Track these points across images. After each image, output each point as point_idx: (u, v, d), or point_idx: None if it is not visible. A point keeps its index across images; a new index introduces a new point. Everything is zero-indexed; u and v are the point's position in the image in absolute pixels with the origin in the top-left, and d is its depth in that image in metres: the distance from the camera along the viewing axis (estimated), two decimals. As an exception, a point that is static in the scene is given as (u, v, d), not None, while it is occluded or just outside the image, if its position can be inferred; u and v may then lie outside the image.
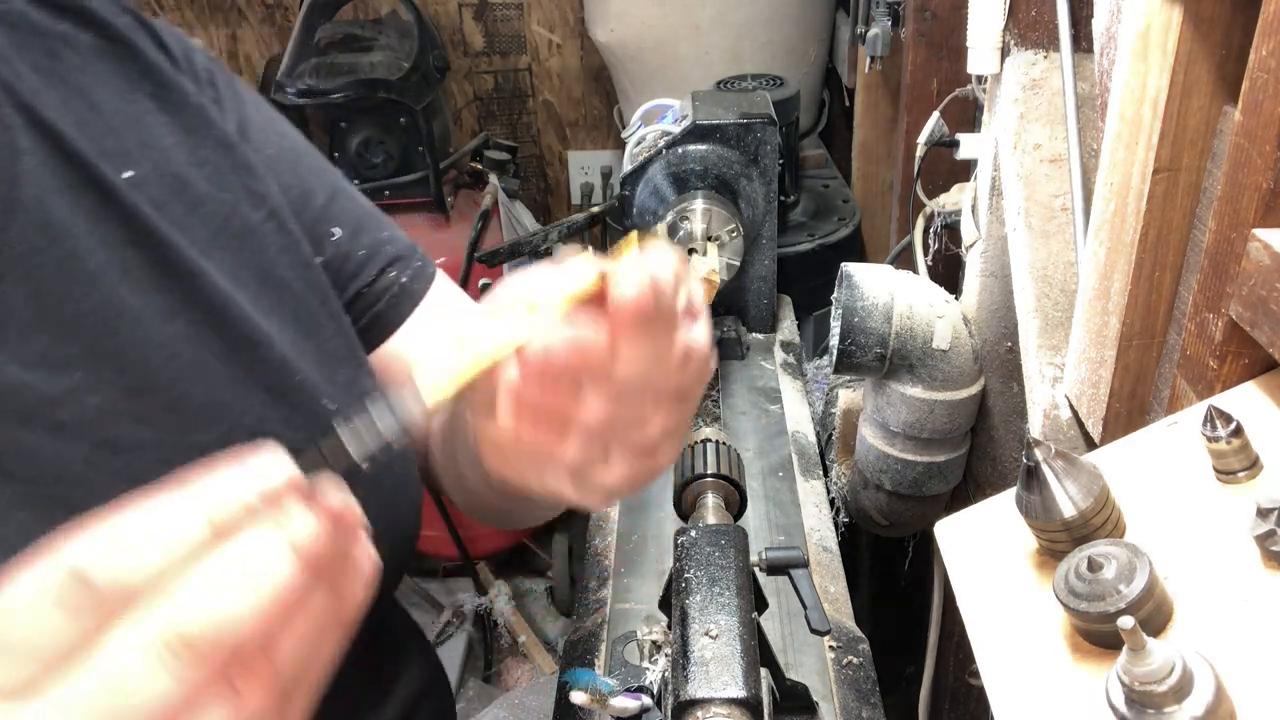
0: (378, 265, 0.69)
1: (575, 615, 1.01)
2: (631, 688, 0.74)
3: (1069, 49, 0.86)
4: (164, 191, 0.56)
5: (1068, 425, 0.80)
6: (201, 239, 0.57)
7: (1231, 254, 0.52)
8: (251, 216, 0.60)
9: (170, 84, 0.60)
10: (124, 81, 0.58)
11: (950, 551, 0.59)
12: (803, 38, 1.97)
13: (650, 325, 0.41)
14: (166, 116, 0.59)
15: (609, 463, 0.45)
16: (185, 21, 2.38)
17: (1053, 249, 0.90)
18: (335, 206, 0.68)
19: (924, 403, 1.12)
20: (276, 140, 0.66)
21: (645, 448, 0.45)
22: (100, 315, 0.51)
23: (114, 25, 0.59)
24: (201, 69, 0.63)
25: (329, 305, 0.63)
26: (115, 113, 0.56)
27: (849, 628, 0.95)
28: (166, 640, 0.31)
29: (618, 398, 0.42)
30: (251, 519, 0.34)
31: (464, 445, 0.59)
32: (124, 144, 0.56)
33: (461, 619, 2.19)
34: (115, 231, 0.53)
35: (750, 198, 1.35)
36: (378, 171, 2.03)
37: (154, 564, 0.32)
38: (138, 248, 0.53)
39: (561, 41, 2.43)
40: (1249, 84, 0.50)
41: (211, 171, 0.59)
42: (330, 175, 0.69)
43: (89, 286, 0.51)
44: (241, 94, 0.66)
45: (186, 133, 0.59)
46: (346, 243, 0.67)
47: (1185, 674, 0.39)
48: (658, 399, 0.44)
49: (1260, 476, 0.48)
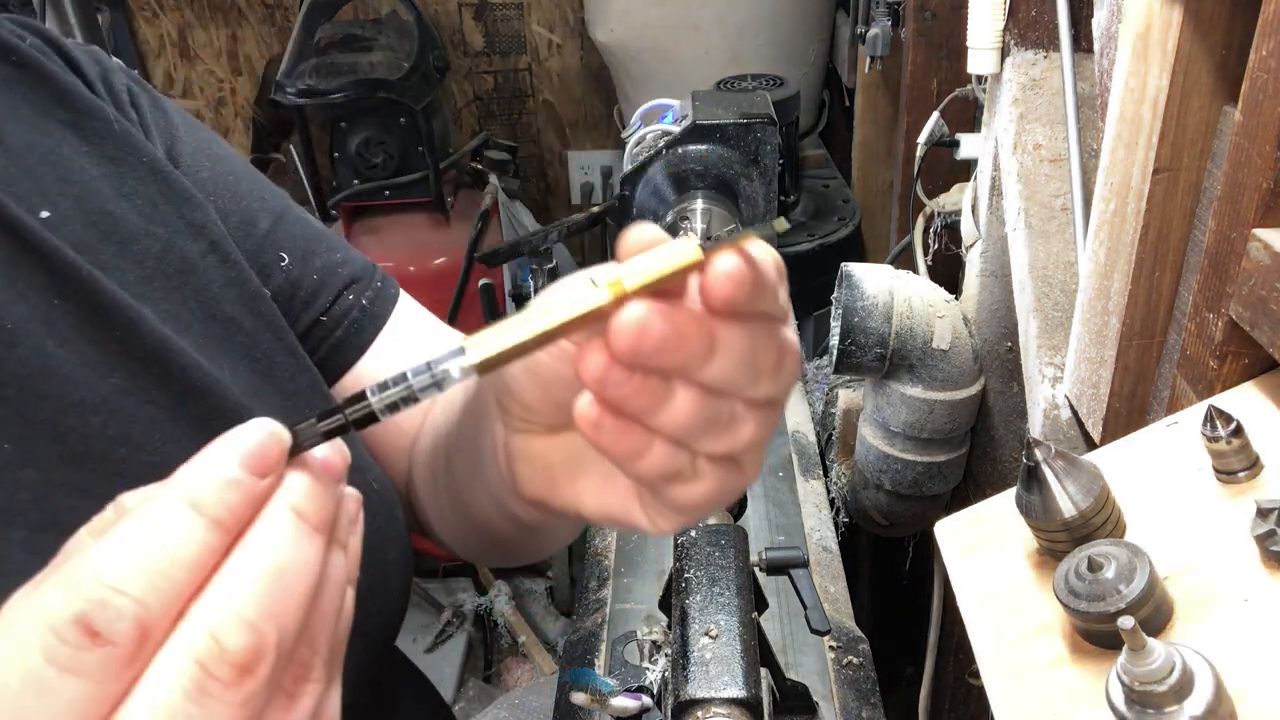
0: (333, 290, 0.63)
1: (575, 615, 1.01)
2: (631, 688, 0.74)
3: (1069, 49, 0.86)
4: (89, 231, 0.50)
5: (1068, 425, 0.80)
6: (135, 280, 0.51)
7: (1231, 254, 0.52)
8: (190, 250, 0.54)
9: (88, 109, 0.53)
10: (34, 111, 0.52)
11: (950, 551, 0.59)
12: (803, 38, 1.97)
13: (750, 318, 0.37)
14: (86, 146, 0.52)
15: (694, 475, 0.40)
16: (185, 22, 2.38)
17: (1053, 249, 0.90)
18: (280, 231, 0.62)
19: (924, 403, 1.12)
20: (210, 164, 0.60)
21: (732, 458, 0.41)
22: (25, 377, 0.45)
23: (18, 48, 0.52)
24: (121, 90, 0.57)
25: (285, 340, 0.57)
26: (26, 146, 0.50)
27: (849, 628, 0.95)
28: (207, 668, 0.28)
29: (709, 398, 0.37)
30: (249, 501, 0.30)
31: (475, 473, 0.53)
32: (39, 181, 0.49)
33: (461, 619, 2.19)
34: (35, 280, 0.46)
35: (750, 198, 1.35)
36: (378, 171, 2.03)
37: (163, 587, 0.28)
38: (63, 297, 0.47)
39: (561, 41, 2.43)
40: (1249, 84, 0.50)
41: (142, 204, 0.53)
42: (273, 197, 0.63)
43: (9, 346, 0.44)
44: (170, 114, 0.60)
45: (110, 162, 0.53)
46: (296, 269, 0.61)
47: (1185, 674, 0.39)
48: (750, 403, 0.39)
49: (1260, 476, 0.48)
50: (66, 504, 0.44)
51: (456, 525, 0.63)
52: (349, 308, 0.64)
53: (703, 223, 1.30)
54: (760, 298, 0.36)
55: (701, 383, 0.37)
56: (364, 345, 0.64)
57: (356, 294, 0.64)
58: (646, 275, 0.34)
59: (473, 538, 0.63)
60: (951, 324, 1.10)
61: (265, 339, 0.56)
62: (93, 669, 0.27)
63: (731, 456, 0.40)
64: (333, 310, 0.63)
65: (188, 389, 0.50)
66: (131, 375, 0.48)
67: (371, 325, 0.64)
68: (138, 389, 0.48)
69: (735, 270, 0.34)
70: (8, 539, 0.43)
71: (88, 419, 0.46)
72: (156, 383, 0.49)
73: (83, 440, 0.46)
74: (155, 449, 0.48)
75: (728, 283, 0.34)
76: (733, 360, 0.37)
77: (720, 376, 0.37)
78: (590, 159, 2.55)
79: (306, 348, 0.60)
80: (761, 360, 0.38)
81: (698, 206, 1.31)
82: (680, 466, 0.39)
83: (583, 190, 2.56)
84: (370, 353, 0.64)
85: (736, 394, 0.38)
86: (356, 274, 0.65)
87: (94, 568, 0.28)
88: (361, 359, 0.64)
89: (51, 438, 0.45)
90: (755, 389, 0.39)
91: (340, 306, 0.63)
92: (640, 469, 0.38)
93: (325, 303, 0.63)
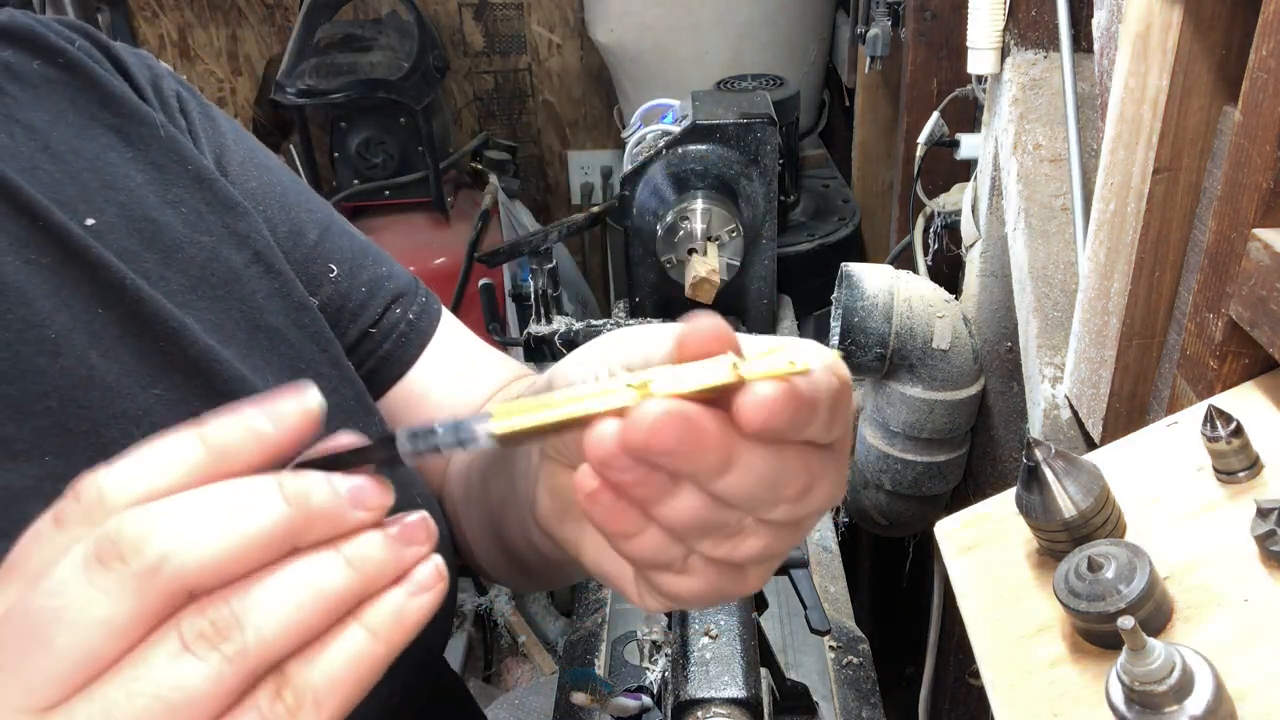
0: (381, 303, 0.63)
1: (575, 615, 1.01)
2: (631, 688, 0.74)
3: (1069, 49, 0.86)
4: (133, 238, 0.49)
5: (1068, 425, 0.80)
6: (179, 289, 0.50)
7: (1231, 254, 0.52)
8: (234, 260, 0.53)
9: (135, 115, 0.53)
10: (80, 115, 0.51)
11: (950, 551, 0.59)
12: (803, 38, 1.97)
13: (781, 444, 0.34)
14: (131, 151, 0.52)
15: (686, 570, 0.38)
16: (185, 22, 2.38)
17: (1053, 249, 0.90)
18: (329, 242, 0.61)
19: (924, 403, 1.12)
20: (258, 173, 0.59)
21: (732, 566, 0.38)
22: (68, 388, 0.44)
23: (67, 51, 0.52)
24: (170, 95, 0.57)
25: (329, 352, 0.57)
26: (72, 152, 0.50)
27: (849, 628, 0.95)
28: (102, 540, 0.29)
29: (716, 506, 0.35)
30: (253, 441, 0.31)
31: (510, 494, 0.52)
32: (84, 187, 0.49)
33: (461, 619, 2.19)
34: (79, 290, 0.46)
35: (750, 198, 1.35)
36: (378, 171, 2.03)
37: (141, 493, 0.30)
38: (107, 306, 0.46)
39: (561, 41, 2.43)
40: (1249, 84, 0.50)
41: (186, 212, 0.52)
42: (320, 208, 0.63)
43: (52, 356, 0.44)
44: (219, 122, 0.60)
45: (156, 169, 0.52)
46: (345, 281, 0.61)
47: (1185, 674, 0.39)
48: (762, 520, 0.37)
49: (1260, 476, 0.48)
50: None
51: (488, 546, 0.62)
52: (396, 321, 0.63)
53: (703, 223, 1.30)
54: (802, 426, 0.34)
55: (711, 491, 0.34)
56: (411, 359, 0.64)
57: (404, 308, 0.64)
58: (677, 388, 0.33)
59: (502, 560, 0.62)
60: (951, 324, 1.10)
61: (309, 350, 0.55)
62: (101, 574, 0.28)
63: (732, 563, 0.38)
64: (381, 323, 0.63)
65: (231, 401, 0.49)
66: (174, 387, 0.48)
67: (418, 340, 0.64)
68: (180, 400, 0.48)
69: (773, 401, 0.32)
70: None
71: (130, 431, 0.45)
72: (200, 394, 0.48)
73: (124, 452, 0.46)
74: None
75: (762, 412, 0.32)
76: (751, 480, 0.34)
77: (733, 492, 0.34)
78: (590, 159, 2.55)
79: (354, 360, 0.60)
80: (785, 487, 0.35)
81: (698, 206, 1.31)
82: (672, 558, 0.37)
83: (583, 190, 2.56)
84: (417, 367, 0.64)
85: (749, 510, 0.36)
86: (402, 288, 0.65)
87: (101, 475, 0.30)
88: (409, 373, 0.64)
89: (94, 450, 0.44)
90: (770, 511, 0.36)
91: (388, 320, 0.63)
92: (630, 551, 0.37)
93: (374, 315, 0.63)
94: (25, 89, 0.50)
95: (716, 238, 1.31)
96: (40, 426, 0.43)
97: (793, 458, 0.35)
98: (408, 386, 0.64)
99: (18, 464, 0.42)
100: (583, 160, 2.56)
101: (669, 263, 1.33)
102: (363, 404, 0.58)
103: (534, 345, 1.40)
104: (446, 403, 0.65)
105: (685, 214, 1.31)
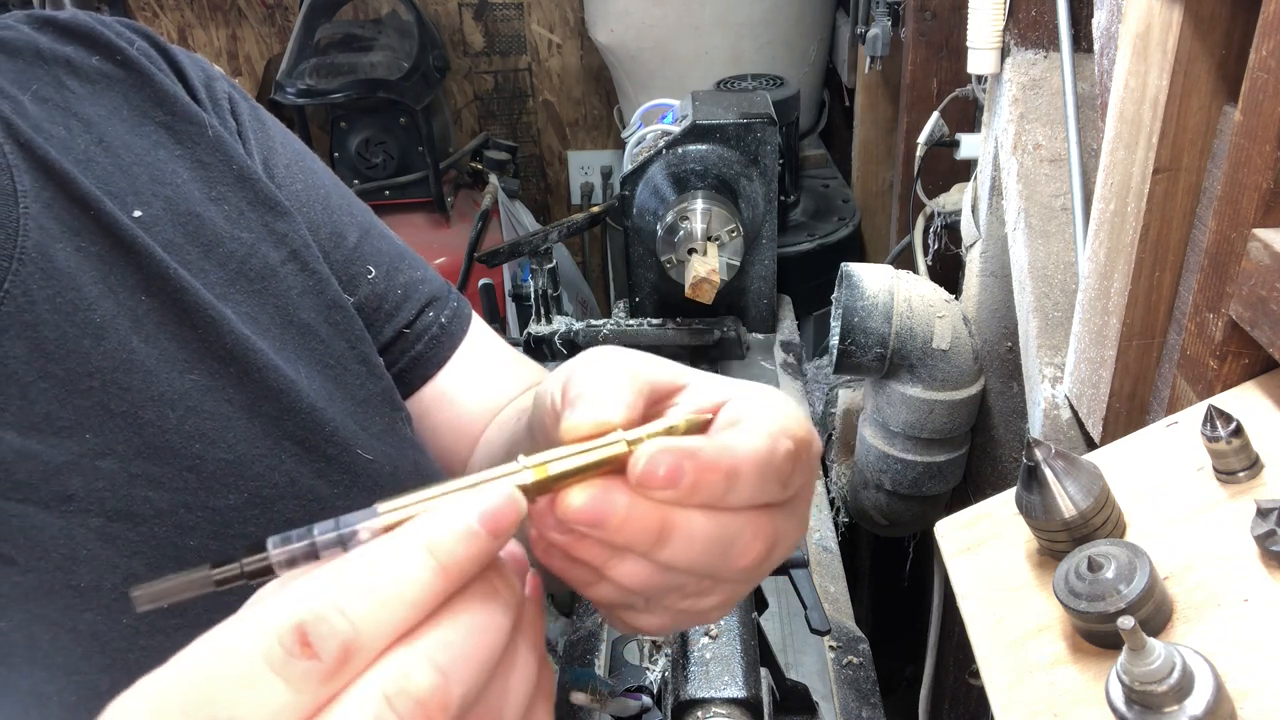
0: (415, 305, 0.66)
1: (575, 615, 1.01)
2: (631, 688, 0.74)
3: (1069, 49, 0.86)
4: (177, 231, 0.52)
5: (1068, 425, 0.80)
6: (218, 282, 0.53)
7: (1231, 254, 0.52)
8: (271, 257, 0.56)
9: (185, 114, 0.55)
10: (134, 111, 0.54)
11: (950, 551, 0.59)
12: (803, 38, 1.97)
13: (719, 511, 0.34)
14: (180, 149, 0.55)
15: (647, 611, 0.38)
16: (185, 22, 2.38)
17: (1053, 249, 0.90)
18: (368, 245, 0.64)
19: (924, 403, 1.12)
20: (304, 176, 0.62)
21: (692, 614, 0.39)
22: (110, 370, 0.47)
23: (125, 50, 0.55)
24: (222, 97, 0.59)
25: (359, 349, 0.59)
26: (124, 147, 0.52)
27: (849, 628, 0.95)
28: (392, 702, 0.28)
29: (666, 571, 0.35)
30: (476, 556, 0.30)
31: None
32: (134, 181, 0.52)
33: (461, 619, 2.18)
34: (125, 277, 0.49)
35: (750, 198, 1.35)
36: (378, 171, 2.03)
37: (382, 618, 0.28)
38: (150, 294, 0.49)
39: (561, 41, 2.43)
40: (1249, 84, 0.50)
41: (228, 209, 0.55)
42: (360, 212, 0.66)
43: (97, 339, 0.47)
44: (268, 125, 0.62)
45: (201, 167, 0.55)
46: (382, 283, 0.64)
47: (1185, 674, 0.39)
48: (716, 581, 0.37)
49: (1260, 476, 0.48)
50: (141, 494, 0.46)
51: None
52: (429, 324, 0.66)
53: (703, 223, 1.30)
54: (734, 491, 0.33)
55: (656, 561, 0.34)
56: (442, 361, 0.67)
57: (436, 311, 0.67)
58: (568, 465, 0.33)
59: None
60: (951, 324, 1.10)
61: (339, 346, 0.58)
62: (295, 676, 0.27)
63: (690, 613, 0.38)
64: (415, 325, 0.66)
65: (264, 389, 0.52)
66: (211, 373, 0.50)
67: (449, 342, 0.67)
68: (216, 387, 0.50)
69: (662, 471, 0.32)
70: (86, 525, 0.44)
71: (166, 413, 0.48)
72: (234, 381, 0.51)
73: (160, 434, 0.48)
74: (229, 446, 0.50)
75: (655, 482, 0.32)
76: (697, 549, 0.34)
77: (679, 561, 0.34)
78: (590, 159, 2.55)
79: (387, 359, 0.63)
80: (739, 555, 0.35)
81: (698, 206, 1.31)
82: (632, 603, 0.37)
83: (583, 190, 2.56)
84: (448, 368, 0.67)
85: (704, 575, 0.36)
86: (436, 292, 0.68)
87: (327, 584, 0.29)
88: (439, 373, 0.67)
89: (131, 430, 0.47)
90: (725, 573, 0.36)
91: (422, 322, 0.66)
92: (590, 595, 0.37)
93: (408, 317, 0.65)
94: (84, 84, 0.53)
95: (716, 238, 1.31)
96: (83, 405, 0.46)
97: (743, 523, 0.34)
98: (437, 387, 0.67)
99: (60, 439, 0.45)
100: (583, 160, 2.56)
101: (669, 263, 1.33)
102: (390, 400, 0.60)
103: (534, 345, 1.40)
104: (473, 404, 0.68)
105: (685, 214, 1.31)
